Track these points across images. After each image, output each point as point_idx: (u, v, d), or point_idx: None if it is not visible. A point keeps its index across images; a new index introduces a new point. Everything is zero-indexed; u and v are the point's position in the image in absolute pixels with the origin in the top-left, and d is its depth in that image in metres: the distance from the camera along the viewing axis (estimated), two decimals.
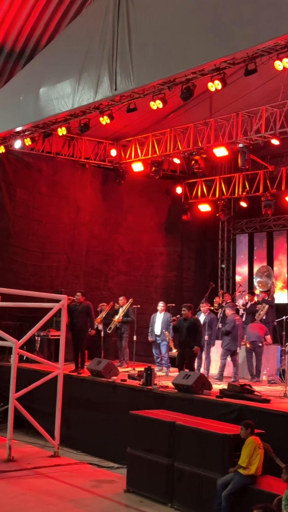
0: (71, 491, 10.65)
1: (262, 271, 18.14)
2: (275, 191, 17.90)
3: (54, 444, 12.94)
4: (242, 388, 11.74)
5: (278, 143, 15.19)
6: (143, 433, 10.84)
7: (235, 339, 14.66)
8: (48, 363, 14.16)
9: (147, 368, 12.90)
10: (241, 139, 15.45)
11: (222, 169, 20.03)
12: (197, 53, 10.99)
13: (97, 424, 13.56)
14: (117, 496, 10.51)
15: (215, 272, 21.31)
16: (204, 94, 14.48)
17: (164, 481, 10.16)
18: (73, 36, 13.96)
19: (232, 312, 15.05)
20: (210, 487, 9.24)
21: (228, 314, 14.97)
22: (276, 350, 15.35)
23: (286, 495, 7.66)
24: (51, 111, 14.60)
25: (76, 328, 14.87)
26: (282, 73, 12.50)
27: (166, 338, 15.60)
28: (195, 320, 14.00)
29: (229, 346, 14.66)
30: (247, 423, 9.19)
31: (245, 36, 10.15)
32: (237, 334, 14.77)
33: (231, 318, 14.82)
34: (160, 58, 11.66)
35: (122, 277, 19.78)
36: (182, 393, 12.00)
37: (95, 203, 19.34)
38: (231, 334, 14.63)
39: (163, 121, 17.30)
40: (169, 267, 20.67)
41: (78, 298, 14.91)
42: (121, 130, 18.05)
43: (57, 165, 18.61)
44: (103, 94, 12.95)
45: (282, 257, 19.42)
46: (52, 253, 18.57)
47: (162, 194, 20.49)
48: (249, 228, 20.69)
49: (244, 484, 8.81)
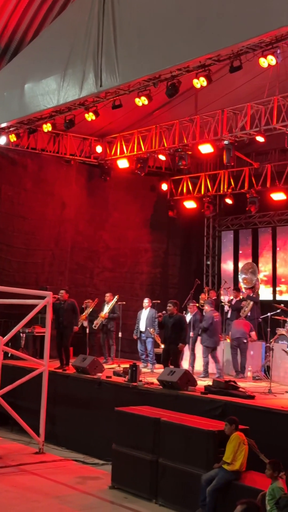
0: (56, 488, 10.65)
1: (247, 268, 18.18)
2: (260, 188, 17.95)
3: (39, 441, 12.92)
4: (226, 385, 11.79)
5: (263, 140, 15.21)
6: (128, 430, 10.85)
7: (212, 336, 14.74)
8: (33, 360, 14.13)
9: (132, 365, 12.91)
10: (226, 136, 15.46)
11: (207, 166, 20.05)
12: (182, 49, 11.01)
13: (82, 421, 13.55)
14: (102, 492, 10.52)
15: (200, 269, 21.33)
16: (189, 91, 14.48)
17: (149, 477, 10.18)
18: (58, 32, 13.92)
19: (210, 308, 15.13)
20: (195, 483, 9.27)
21: (206, 311, 15.03)
22: (261, 347, 15.41)
23: (270, 491, 7.71)
24: (36, 107, 14.56)
25: (62, 326, 14.85)
26: (267, 70, 12.55)
27: (151, 334, 15.62)
28: (181, 317, 14.04)
29: (207, 342, 14.74)
30: (232, 419, 9.23)
31: (230, 33, 10.18)
32: (216, 330, 14.85)
33: (209, 314, 14.89)
34: (145, 54, 11.66)
35: (107, 273, 19.77)
36: (167, 390, 12.02)
37: (81, 199, 19.30)
38: (208, 331, 14.70)
39: (149, 117, 17.29)
40: (154, 264, 20.68)
41: (62, 296, 14.87)
42: (107, 127, 18.02)
43: (42, 162, 18.55)
44: (88, 91, 12.94)
45: (267, 254, 19.49)
46: (37, 250, 18.52)
47: (147, 190, 20.49)
48: (234, 225, 20.74)
49: (228, 480, 8.84)
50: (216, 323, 14.89)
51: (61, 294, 14.83)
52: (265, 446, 9.39)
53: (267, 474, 7.91)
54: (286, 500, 6.30)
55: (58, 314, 14.73)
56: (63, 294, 14.89)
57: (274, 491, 7.62)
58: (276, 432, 9.91)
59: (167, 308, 14.02)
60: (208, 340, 14.76)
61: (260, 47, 11.41)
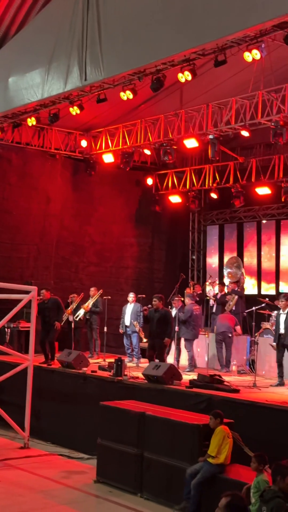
0: (41, 483, 10.63)
1: (231, 262, 18.24)
2: (245, 182, 17.98)
3: (24, 435, 12.90)
4: (211, 379, 11.83)
5: (248, 134, 15.25)
6: (113, 424, 10.85)
7: (191, 328, 14.84)
8: (18, 355, 14.08)
9: (117, 359, 12.93)
10: (211, 130, 15.48)
11: (192, 160, 20.07)
12: (167, 43, 10.98)
13: (68, 416, 13.55)
14: (87, 486, 10.53)
15: (185, 263, 21.36)
16: (174, 85, 14.46)
17: (134, 471, 10.20)
18: (42, 25, 13.83)
19: (191, 302, 15.25)
20: (180, 476, 9.30)
21: (187, 304, 15.09)
22: (246, 341, 15.46)
23: (255, 484, 7.75)
24: (20, 101, 14.48)
25: (49, 324, 14.82)
26: (251, 64, 12.57)
27: (135, 328, 15.62)
28: (166, 311, 14.06)
29: (186, 335, 14.81)
30: (216, 413, 9.26)
31: (214, 27, 10.16)
32: (196, 323, 14.94)
33: (189, 307, 15.01)
34: (130, 48, 11.62)
35: (93, 268, 19.75)
36: (152, 384, 12.04)
37: (66, 194, 19.25)
38: (187, 323, 14.76)
39: (134, 112, 17.25)
40: (139, 258, 20.68)
41: (43, 295, 14.78)
42: (92, 121, 17.97)
43: (27, 156, 18.47)
44: (73, 84, 12.88)
45: (252, 248, 19.55)
46: (22, 244, 18.45)
47: (132, 185, 20.47)
48: (219, 219, 20.77)
49: (213, 473, 8.88)
50: (196, 316, 14.99)
51: (42, 294, 14.72)
52: (249, 439, 9.44)
53: (252, 467, 7.95)
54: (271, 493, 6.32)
55: (44, 314, 14.70)
56: (44, 293, 14.80)
57: (260, 483, 7.65)
58: (261, 426, 9.96)
59: (152, 303, 14.03)
60: (186, 333, 14.84)
61: (244, 41, 11.42)
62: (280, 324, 12.46)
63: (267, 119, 14.31)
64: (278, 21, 10.21)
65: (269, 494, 6.29)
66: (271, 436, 9.64)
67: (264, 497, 6.32)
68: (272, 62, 12.99)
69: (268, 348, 13.99)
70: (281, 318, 12.51)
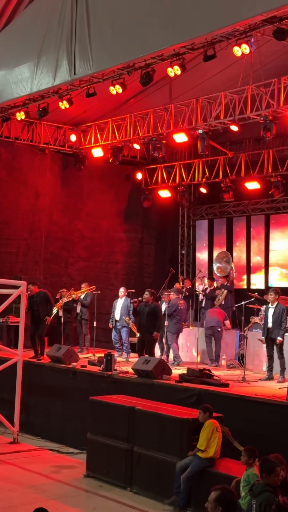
0: (31, 477, 10.63)
1: (221, 257, 18.25)
2: (234, 177, 18.01)
3: (14, 430, 12.88)
4: (201, 373, 11.85)
5: (237, 129, 15.27)
6: (103, 419, 10.86)
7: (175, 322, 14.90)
8: (7, 350, 14.06)
9: (107, 354, 12.91)
10: (201, 125, 15.47)
11: (182, 155, 20.06)
12: (156, 38, 10.97)
13: (57, 410, 13.54)
14: (77, 481, 10.54)
15: (175, 258, 21.39)
16: (163, 80, 14.47)
17: (124, 466, 10.21)
18: (31, 19, 13.78)
19: (176, 296, 15.37)
20: (169, 470, 9.32)
21: (171, 298, 15.11)
22: (235, 335, 15.48)
23: (245, 477, 7.78)
24: (9, 95, 14.44)
25: (38, 319, 14.77)
26: (241, 59, 12.57)
27: (126, 323, 15.62)
28: (156, 305, 14.07)
29: (170, 329, 14.82)
30: (205, 407, 9.28)
31: (204, 21, 10.16)
32: (180, 317, 15.05)
33: (174, 302, 15.06)
34: (119, 42, 11.61)
35: (82, 263, 19.73)
36: (142, 378, 12.04)
37: (55, 188, 19.20)
38: (172, 317, 14.81)
39: (123, 106, 17.23)
40: (129, 253, 20.68)
41: (31, 290, 14.69)
42: (81, 115, 17.92)
43: (16, 150, 18.41)
44: (62, 79, 12.85)
45: (241, 243, 19.59)
46: (11, 239, 18.40)
47: (122, 180, 20.45)
48: (209, 214, 20.79)
49: (202, 467, 8.91)
50: (180, 310, 15.08)
51: (29, 289, 14.60)
52: (239, 433, 9.46)
53: (242, 461, 7.98)
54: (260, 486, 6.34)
55: (32, 308, 14.65)
56: (31, 288, 14.71)
57: (249, 477, 7.69)
58: (250, 420, 9.99)
59: (143, 296, 14.03)
60: (170, 327, 14.86)
61: (234, 36, 11.43)
62: (269, 318, 12.49)
63: (256, 113, 14.32)
64: (268, 15, 10.26)
65: (258, 488, 6.31)
66: (260, 430, 9.67)
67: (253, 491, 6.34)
68: (261, 56, 13.01)
69: (257, 343, 14.02)
70: (270, 312, 12.52)
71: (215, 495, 4.82)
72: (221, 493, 4.83)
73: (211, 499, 4.81)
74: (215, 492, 4.86)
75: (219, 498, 4.79)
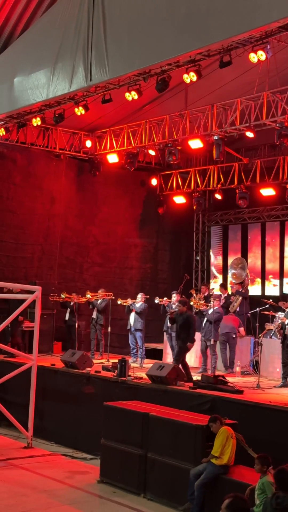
0: (44, 482, 10.63)
1: (236, 263, 18.23)
2: (249, 183, 17.98)
3: (28, 435, 12.90)
4: (215, 379, 11.83)
5: (253, 135, 15.23)
6: (117, 424, 10.85)
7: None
8: (22, 355, 14.10)
9: (121, 360, 12.92)
10: (216, 131, 15.46)
11: (197, 161, 20.06)
12: (172, 44, 10.98)
13: (71, 416, 13.56)
14: (90, 487, 10.52)
15: (189, 264, 21.37)
16: (179, 86, 14.47)
17: (137, 472, 10.19)
18: (47, 25, 13.86)
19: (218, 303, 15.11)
20: (183, 477, 9.29)
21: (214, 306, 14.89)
22: (250, 342, 15.45)
23: (259, 485, 7.73)
24: (25, 101, 14.50)
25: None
26: (257, 65, 12.57)
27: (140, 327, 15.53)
28: (188, 315, 13.71)
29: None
30: (213, 418, 9.19)
31: (219, 28, 10.15)
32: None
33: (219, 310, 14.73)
34: (135, 49, 11.63)
35: (97, 268, 19.76)
36: (156, 384, 12.04)
37: (70, 194, 19.26)
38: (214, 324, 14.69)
39: (138, 112, 17.26)
40: (144, 259, 20.69)
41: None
42: (96, 121, 17.98)
43: (32, 156, 18.50)
44: (78, 85, 12.89)
45: (256, 250, 19.55)
46: (26, 244, 18.48)
47: (137, 185, 20.48)
48: (223, 220, 20.77)
49: (216, 474, 8.87)
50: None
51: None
52: (253, 440, 9.41)
53: (256, 469, 7.93)
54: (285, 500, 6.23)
55: None
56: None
57: (264, 485, 7.63)
58: (264, 427, 9.95)
59: (176, 307, 13.94)
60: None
61: (250, 42, 11.41)
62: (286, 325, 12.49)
63: (272, 120, 14.29)
64: (284, 22, 10.22)
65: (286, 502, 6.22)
66: (275, 437, 9.64)
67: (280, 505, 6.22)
68: (277, 63, 12.98)
69: (272, 349, 13.98)
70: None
71: (227, 503, 4.83)
72: (233, 501, 4.84)
73: (223, 507, 4.82)
74: (228, 499, 4.87)
75: (230, 506, 4.79)
